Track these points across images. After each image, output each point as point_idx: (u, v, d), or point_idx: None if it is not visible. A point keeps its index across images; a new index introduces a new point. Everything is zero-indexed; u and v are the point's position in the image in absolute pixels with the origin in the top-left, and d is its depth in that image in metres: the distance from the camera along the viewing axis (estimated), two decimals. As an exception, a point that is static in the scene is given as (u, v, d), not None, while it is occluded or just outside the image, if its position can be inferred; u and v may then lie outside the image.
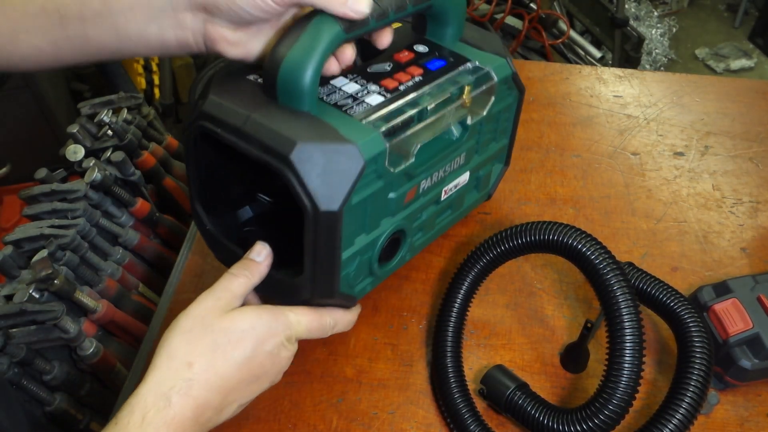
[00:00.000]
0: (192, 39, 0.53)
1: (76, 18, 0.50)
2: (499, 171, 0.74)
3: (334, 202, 0.50)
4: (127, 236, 0.89)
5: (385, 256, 0.61)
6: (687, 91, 0.93)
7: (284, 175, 0.49)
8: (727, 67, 2.58)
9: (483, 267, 0.62)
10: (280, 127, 0.50)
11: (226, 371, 0.49)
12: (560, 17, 2.12)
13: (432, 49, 0.64)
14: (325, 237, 0.52)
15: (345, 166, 0.50)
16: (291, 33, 0.51)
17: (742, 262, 0.72)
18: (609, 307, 0.53)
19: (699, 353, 0.54)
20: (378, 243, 0.58)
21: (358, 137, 0.51)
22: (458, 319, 0.62)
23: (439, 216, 0.68)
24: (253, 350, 0.50)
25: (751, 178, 0.81)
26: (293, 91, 0.51)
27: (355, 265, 0.57)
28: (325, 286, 0.56)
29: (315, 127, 0.51)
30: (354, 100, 0.56)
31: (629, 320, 0.52)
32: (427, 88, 0.59)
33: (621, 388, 0.51)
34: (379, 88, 0.58)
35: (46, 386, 0.76)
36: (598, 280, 0.54)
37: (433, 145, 0.60)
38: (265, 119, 0.51)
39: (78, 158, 0.90)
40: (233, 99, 0.53)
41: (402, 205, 0.59)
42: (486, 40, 0.66)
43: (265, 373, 0.52)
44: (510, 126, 0.71)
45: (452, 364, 0.60)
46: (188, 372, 0.47)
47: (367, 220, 0.56)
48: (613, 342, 0.53)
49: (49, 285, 0.73)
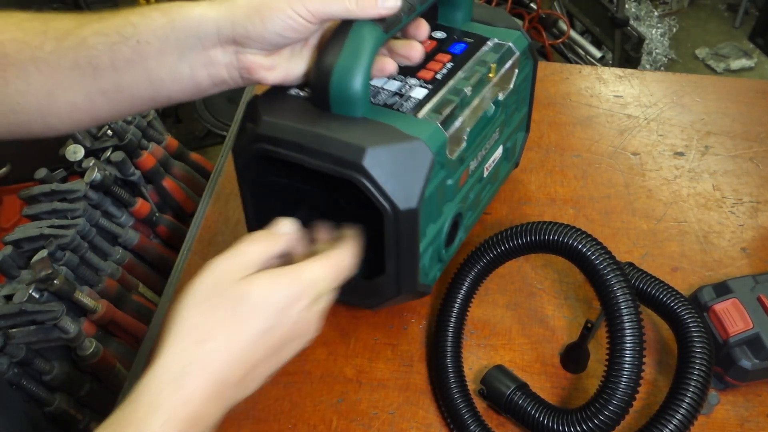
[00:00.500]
0: (226, 74, 0.53)
1: (109, 68, 0.50)
2: (522, 139, 0.76)
3: (412, 200, 0.51)
4: (127, 236, 0.89)
5: (448, 241, 0.61)
6: (687, 91, 0.93)
7: (358, 181, 0.50)
8: (728, 67, 2.58)
9: (483, 267, 0.62)
10: (345, 136, 0.51)
11: (246, 343, 0.44)
12: (560, 17, 2.12)
13: (450, 34, 0.66)
14: (406, 235, 0.53)
15: (416, 163, 0.51)
16: (333, 44, 0.51)
17: (743, 262, 0.72)
18: (609, 307, 0.53)
19: (699, 353, 0.54)
20: (444, 229, 0.60)
21: (420, 132, 0.52)
22: (458, 319, 0.62)
23: (483, 191, 0.69)
24: (276, 318, 0.45)
25: (751, 178, 0.81)
26: (347, 99, 0.52)
27: (429, 255, 0.59)
28: (408, 282, 0.56)
29: (377, 130, 0.52)
30: (401, 97, 0.57)
31: (629, 320, 0.52)
32: (461, 73, 0.61)
33: (621, 388, 0.51)
34: (419, 81, 0.59)
35: (46, 386, 0.76)
36: (598, 281, 0.54)
37: (477, 126, 0.61)
38: (327, 131, 0.51)
39: (78, 158, 0.90)
40: (287, 116, 0.53)
41: (458, 188, 0.61)
42: (495, 16, 0.68)
43: (293, 339, 0.47)
44: (528, 95, 0.73)
45: (452, 364, 0.60)
46: (203, 347, 0.42)
47: (434, 209, 0.57)
48: (613, 342, 0.53)
49: (49, 285, 0.73)
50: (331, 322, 0.68)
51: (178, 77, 0.52)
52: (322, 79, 0.51)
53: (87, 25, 0.50)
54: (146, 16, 0.50)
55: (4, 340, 0.72)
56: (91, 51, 0.49)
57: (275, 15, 0.49)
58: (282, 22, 0.49)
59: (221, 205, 0.80)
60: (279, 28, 0.49)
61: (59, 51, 0.49)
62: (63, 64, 0.49)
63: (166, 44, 0.50)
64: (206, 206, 0.80)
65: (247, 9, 0.49)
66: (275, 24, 0.49)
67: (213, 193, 0.81)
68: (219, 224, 0.78)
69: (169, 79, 0.52)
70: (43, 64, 0.49)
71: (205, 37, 0.50)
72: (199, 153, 1.09)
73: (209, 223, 0.78)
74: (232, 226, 0.77)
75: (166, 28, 0.50)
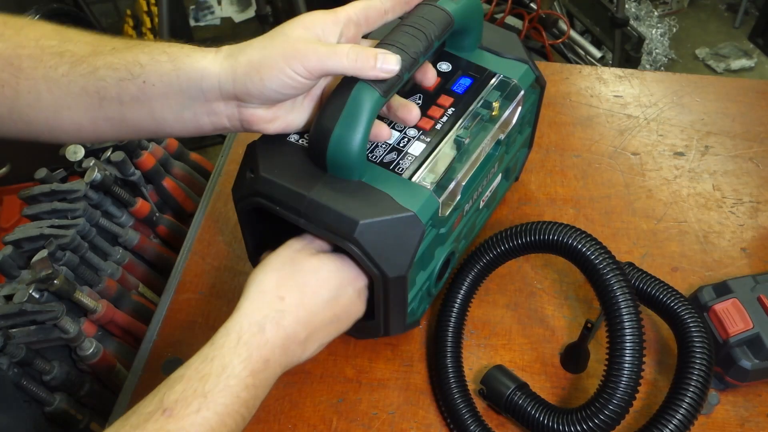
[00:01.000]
0: (228, 123, 0.54)
1: (115, 101, 0.51)
2: (524, 155, 0.76)
3: (401, 269, 0.53)
4: (127, 236, 0.89)
5: (439, 277, 0.63)
6: (687, 91, 0.93)
7: (351, 250, 0.52)
8: (728, 67, 2.58)
9: (483, 267, 0.62)
10: (340, 207, 0.52)
11: (314, 308, 0.52)
12: (560, 17, 2.11)
13: (455, 66, 0.65)
14: (394, 295, 0.55)
15: (407, 234, 0.53)
16: (332, 107, 0.52)
17: (743, 262, 0.72)
18: (609, 307, 0.53)
19: (699, 353, 0.54)
20: (434, 272, 0.61)
21: (413, 203, 0.53)
22: (458, 320, 0.62)
23: (479, 217, 0.69)
24: (338, 291, 0.53)
25: (751, 178, 0.81)
26: (344, 164, 0.53)
27: (418, 299, 0.60)
28: (396, 325, 0.60)
29: (371, 200, 0.53)
30: (398, 154, 0.57)
31: (629, 321, 0.52)
32: (462, 122, 0.60)
33: (621, 388, 0.51)
34: (418, 132, 0.59)
35: (46, 386, 0.76)
36: (598, 281, 0.54)
37: (475, 173, 0.62)
38: (323, 198, 0.52)
39: (78, 158, 0.90)
40: (284, 174, 0.54)
41: (451, 233, 0.61)
42: (505, 44, 0.66)
43: (343, 316, 0.55)
44: (532, 118, 0.72)
45: (452, 364, 0.60)
46: (280, 304, 0.50)
47: (424, 260, 0.59)
48: (613, 342, 0.53)
49: (49, 285, 0.73)
50: (331, 322, 0.68)
51: (181, 120, 0.53)
52: (321, 144, 0.52)
53: (101, 56, 0.51)
54: (154, 58, 0.51)
55: (4, 340, 0.72)
56: (101, 82, 0.51)
57: (273, 74, 0.50)
58: (280, 80, 0.50)
59: (221, 205, 0.80)
60: (277, 86, 0.50)
61: (71, 75, 0.51)
62: (72, 88, 0.51)
63: (171, 90, 0.51)
64: (206, 206, 0.80)
65: (247, 67, 0.50)
66: (273, 82, 0.50)
67: (213, 193, 0.81)
68: (219, 224, 0.78)
69: (171, 119, 0.53)
70: (54, 84, 0.51)
71: (208, 90, 0.51)
72: (199, 153, 1.09)
73: (209, 223, 0.78)
74: (232, 226, 0.77)
75: (171, 75, 0.51)
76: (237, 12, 2.77)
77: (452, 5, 0.57)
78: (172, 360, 0.65)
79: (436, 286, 0.63)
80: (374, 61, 0.50)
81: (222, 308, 0.69)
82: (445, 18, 0.56)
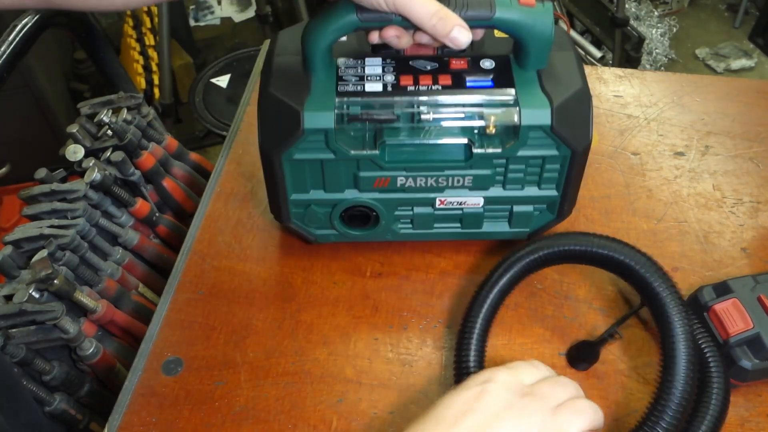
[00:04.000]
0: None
1: None
2: (547, 220, 0.70)
3: (275, 147, 0.62)
4: (127, 236, 0.89)
5: (355, 223, 0.69)
6: (687, 91, 0.93)
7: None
8: (728, 67, 2.58)
9: (528, 269, 0.61)
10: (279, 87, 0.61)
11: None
12: (560, 17, 2.11)
13: (497, 69, 0.63)
14: (269, 169, 0.64)
15: (289, 124, 0.60)
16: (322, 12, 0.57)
17: (743, 262, 0.72)
18: (668, 349, 0.53)
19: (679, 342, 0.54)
20: (338, 203, 0.66)
21: (311, 106, 0.59)
22: (486, 324, 0.61)
23: (438, 221, 0.69)
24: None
25: (751, 178, 0.81)
26: (308, 57, 0.61)
27: (304, 210, 0.68)
28: (274, 205, 0.68)
29: (295, 88, 0.60)
30: (358, 80, 0.61)
31: (686, 374, 0.52)
32: (436, 98, 0.61)
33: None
34: (393, 80, 0.61)
35: (46, 386, 0.76)
36: (663, 318, 0.54)
37: (416, 151, 0.63)
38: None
39: (78, 158, 0.89)
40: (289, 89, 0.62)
41: (371, 186, 0.65)
42: (562, 83, 0.62)
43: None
44: (556, 178, 0.66)
45: (476, 368, 0.59)
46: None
47: (324, 180, 0.65)
48: (664, 381, 0.53)
49: (49, 285, 0.73)
50: (331, 323, 0.68)
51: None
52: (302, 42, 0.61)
53: None
54: None
55: (4, 340, 0.72)
56: None
57: None
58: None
59: (221, 205, 0.80)
60: None
61: None
62: None
63: None
64: (206, 206, 0.80)
65: None
66: None
67: (213, 193, 0.81)
68: (219, 224, 0.78)
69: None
70: None
71: None
72: (199, 153, 1.09)
73: (209, 223, 0.78)
74: (232, 226, 0.77)
75: None
76: (237, 12, 2.77)
77: (505, 11, 0.58)
78: (172, 360, 0.65)
79: (345, 227, 0.69)
80: (449, 30, 0.53)
81: (222, 308, 0.69)
82: (485, 11, 0.57)
